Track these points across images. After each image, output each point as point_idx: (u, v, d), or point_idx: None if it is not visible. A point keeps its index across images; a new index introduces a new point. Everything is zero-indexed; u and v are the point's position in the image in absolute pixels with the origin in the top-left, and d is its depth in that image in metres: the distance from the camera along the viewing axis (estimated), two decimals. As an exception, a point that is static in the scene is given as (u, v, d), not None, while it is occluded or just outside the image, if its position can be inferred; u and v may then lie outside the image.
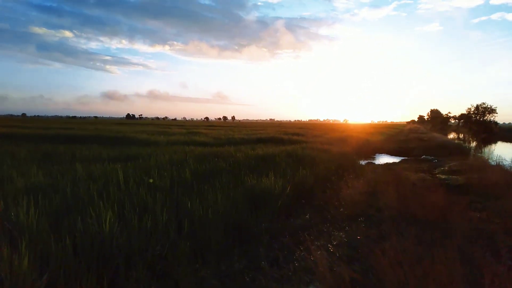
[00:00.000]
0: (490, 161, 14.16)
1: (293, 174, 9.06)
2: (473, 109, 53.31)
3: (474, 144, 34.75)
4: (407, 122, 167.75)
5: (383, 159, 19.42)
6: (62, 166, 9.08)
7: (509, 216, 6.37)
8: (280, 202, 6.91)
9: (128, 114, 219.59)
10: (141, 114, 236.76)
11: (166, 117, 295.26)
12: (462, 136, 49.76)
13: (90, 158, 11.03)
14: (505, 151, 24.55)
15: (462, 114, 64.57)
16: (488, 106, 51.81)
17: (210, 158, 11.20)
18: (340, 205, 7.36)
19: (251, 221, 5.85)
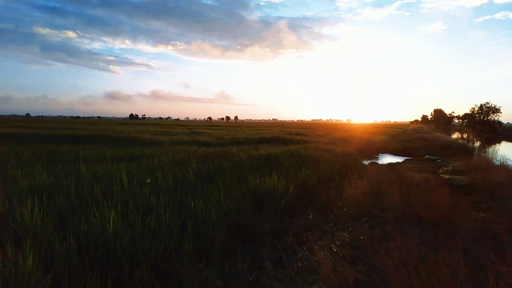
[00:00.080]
0: (494, 161, 14.05)
1: (296, 174, 9.05)
2: (477, 108, 53.10)
3: (478, 144, 34.56)
4: (411, 122, 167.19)
5: (387, 159, 19.36)
6: (66, 166, 9.12)
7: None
8: (283, 202, 6.91)
9: (131, 114, 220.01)
10: (144, 114, 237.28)
11: (169, 117, 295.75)
12: (466, 136, 49.50)
13: (93, 158, 11.07)
14: (509, 151, 24.44)
15: (466, 114, 64.36)
16: (492, 106, 51.59)
17: (213, 158, 11.21)
18: (343, 205, 7.35)
19: (254, 221, 5.85)
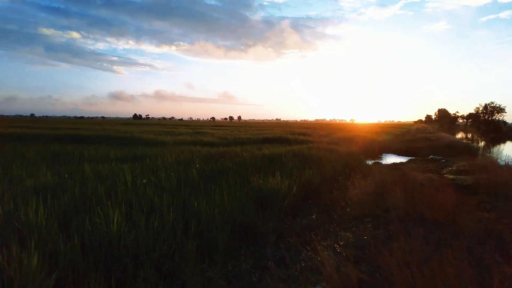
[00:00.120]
0: (499, 161, 13.97)
1: (299, 174, 9.04)
2: (481, 108, 52.84)
3: (482, 144, 34.38)
4: (414, 122, 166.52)
5: (390, 159, 19.30)
6: (70, 166, 9.17)
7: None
8: (286, 202, 6.91)
9: (135, 114, 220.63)
10: (147, 114, 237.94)
11: (173, 117, 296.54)
12: (470, 135, 49.21)
13: (97, 158, 11.12)
14: (514, 151, 24.23)
15: (470, 114, 63.99)
16: (496, 105, 51.31)
17: (216, 158, 11.22)
18: (346, 205, 7.33)
19: (258, 221, 5.85)
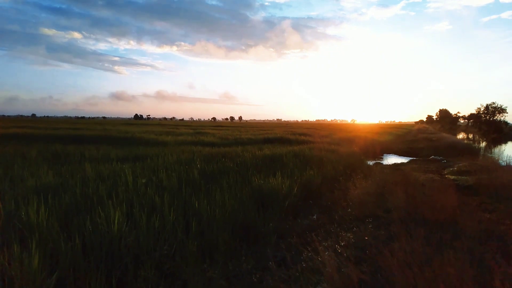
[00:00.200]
0: (500, 161, 13.95)
1: (300, 174, 9.03)
2: (482, 108, 52.75)
3: (483, 144, 34.28)
4: (416, 122, 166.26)
5: (391, 160, 19.28)
6: (71, 166, 9.18)
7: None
8: (287, 202, 6.90)
9: (136, 114, 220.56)
10: (149, 115, 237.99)
11: (174, 117, 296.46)
12: (471, 136, 49.07)
13: (99, 158, 11.13)
14: (515, 152, 24.16)
15: (472, 114, 63.85)
16: (498, 106, 51.20)
17: (217, 158, 11.23)
18: (347, 205, 7.32)
19: (259, 221, 5.85)
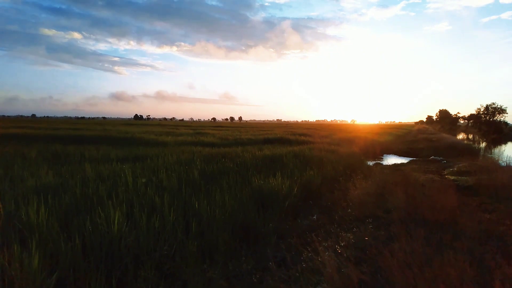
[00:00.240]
0: (500, 162, 13.96)
1: (300, 174, 9.03)
2: (482, 109, 52.74)
3: (483, 144, 34.29)
4: (416, 123, 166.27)
5: (391, 160, 19.29)
6: (71, 166, 9.18)
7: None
8: (287, 202, 6.90)
9: (136, 114, 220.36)
10: (148, 115, 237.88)
11: (174, 117, 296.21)
12: (471, 136, 49.08)
13: (98, 159, 11.13)
14: (515, 152, 24.17)
15: (472, 115, 63.79)
16: (498, 106, 51.20)
17: (217, 159, 11.23)
18: (347, 206, 7.32)
19: (259, 221, 5.85)
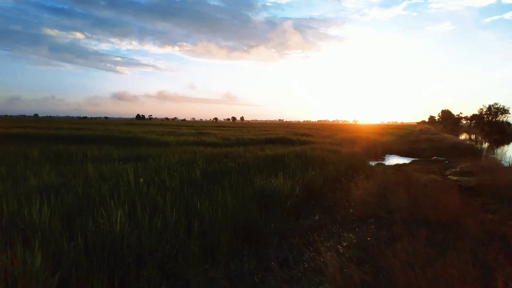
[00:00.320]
0: (502, 162, 13.91)
1: (302, 174, 9.03)
2: (485, 109, 52.42)
3: (486, 145, 34.17)
4: (418, 123, 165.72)
5: (394, 160, 19.26)
6: (73, 166, 9.21)
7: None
8: (289, 202, 6.90)
9: (138, 114, 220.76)
10: (150, 115, 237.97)
11: (176, 117, 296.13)
12: (473, 137, 48.90)
13: (101, 158, 11.16)
14: (518, 152, 24.07)
15: (474, 115, 63.52)
16: (500, 107, 50.88)
17: (219, 159, 11.23)
18: (349, 206, 7.31)
19: (261, 221, 5.85)
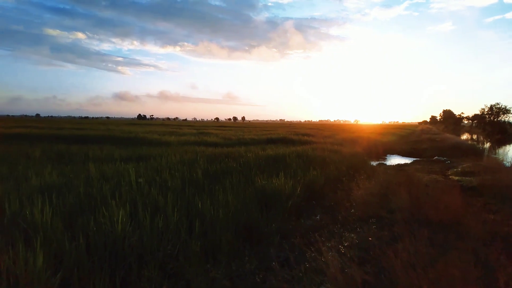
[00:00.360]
0: (504, 162, 13.88)
1: (303, 174, 9.03)
2: (486, 109, 52.26)
3: (488, 145, 34.09)
4: (419, 123, 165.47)
5: (395, 160, 19.22)
6: (75, 166, 9.23)
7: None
8: (290, 202, 6.90)
9: (139, 114, 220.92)
10: (152, 115, 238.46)
11: (177, 117, 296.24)
12: (475, 137, 48.79)
13: (102, 158, 11.18)
14: (520, 152, 24.02)
15: (476, 115, 63.34)
16: (502, 107, 50.70)
17: (220, 159, 11.24)
18: (351, 206, 7.31)
19: (262, 221, 5.85)
